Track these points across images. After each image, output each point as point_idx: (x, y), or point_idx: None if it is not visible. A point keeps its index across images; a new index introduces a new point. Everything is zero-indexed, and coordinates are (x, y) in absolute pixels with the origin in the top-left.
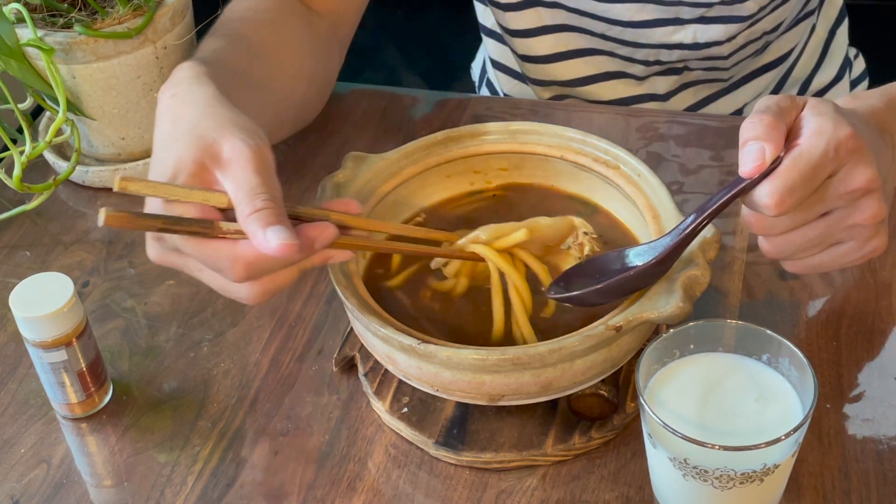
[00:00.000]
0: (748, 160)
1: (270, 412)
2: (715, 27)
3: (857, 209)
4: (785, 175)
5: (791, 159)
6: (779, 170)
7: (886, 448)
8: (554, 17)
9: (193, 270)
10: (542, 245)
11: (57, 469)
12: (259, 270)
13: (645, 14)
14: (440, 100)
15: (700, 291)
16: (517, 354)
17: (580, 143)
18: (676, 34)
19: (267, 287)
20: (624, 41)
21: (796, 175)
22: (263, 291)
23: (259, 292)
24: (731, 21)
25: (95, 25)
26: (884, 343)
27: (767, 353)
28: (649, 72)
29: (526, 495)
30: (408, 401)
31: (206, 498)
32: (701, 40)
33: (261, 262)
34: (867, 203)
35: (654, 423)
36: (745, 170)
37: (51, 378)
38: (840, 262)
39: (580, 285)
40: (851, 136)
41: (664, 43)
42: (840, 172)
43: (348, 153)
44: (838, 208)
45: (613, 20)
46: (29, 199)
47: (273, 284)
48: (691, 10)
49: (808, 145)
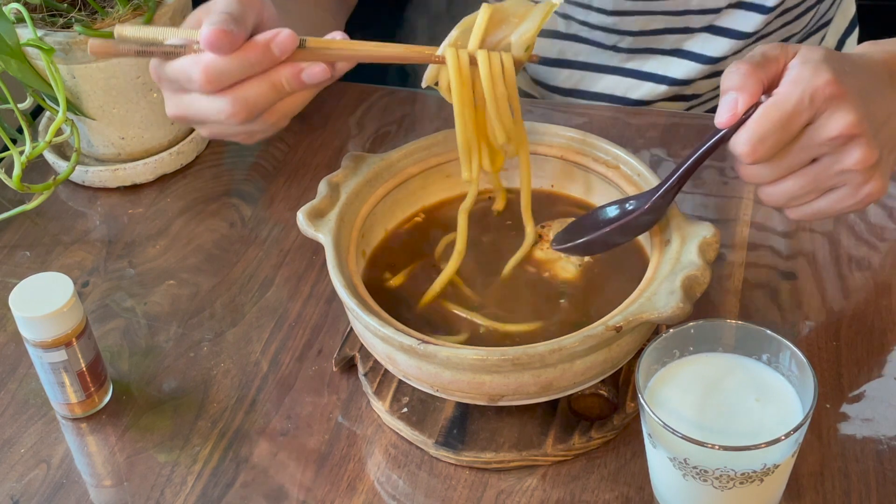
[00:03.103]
0: (723, 111)
1: (270, 412)
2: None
3: (844, 155)
4: (756, 124)
5: (764, 107)
6: (751, 119)
7: (886, 448)
8: (567, 25)
9: (190, 110)
10: (503, 26)
11: (57, 469)
12: (219, 73)
13: (655, 24)
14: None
15: (700, 291)
16: (517, 354)
17: (580, 143)
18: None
19: (238, 97)
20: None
21: (767, 124)
22: (237, 104)
23: (233, 106)
24: (734, 37)
25: (95, 25)
26: (884, 343)
27: (767, 353)
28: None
29: (526, 495)
30: (408, 401)
31: (206, 498)
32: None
33: (218, 65)
34: (852, 148)
35: (654, 423)
36: (719, 119)
37: (51, 378)
38: (838, 208)
39: (580, 237)
40: (830, 82)
41: None
42: (819, 119)
43: (348, 153)
44: (825, 155)
45: (623, 31)
46: (29, 199)
47: (244, 95)
48: (701, 18)
49: (782, 93)
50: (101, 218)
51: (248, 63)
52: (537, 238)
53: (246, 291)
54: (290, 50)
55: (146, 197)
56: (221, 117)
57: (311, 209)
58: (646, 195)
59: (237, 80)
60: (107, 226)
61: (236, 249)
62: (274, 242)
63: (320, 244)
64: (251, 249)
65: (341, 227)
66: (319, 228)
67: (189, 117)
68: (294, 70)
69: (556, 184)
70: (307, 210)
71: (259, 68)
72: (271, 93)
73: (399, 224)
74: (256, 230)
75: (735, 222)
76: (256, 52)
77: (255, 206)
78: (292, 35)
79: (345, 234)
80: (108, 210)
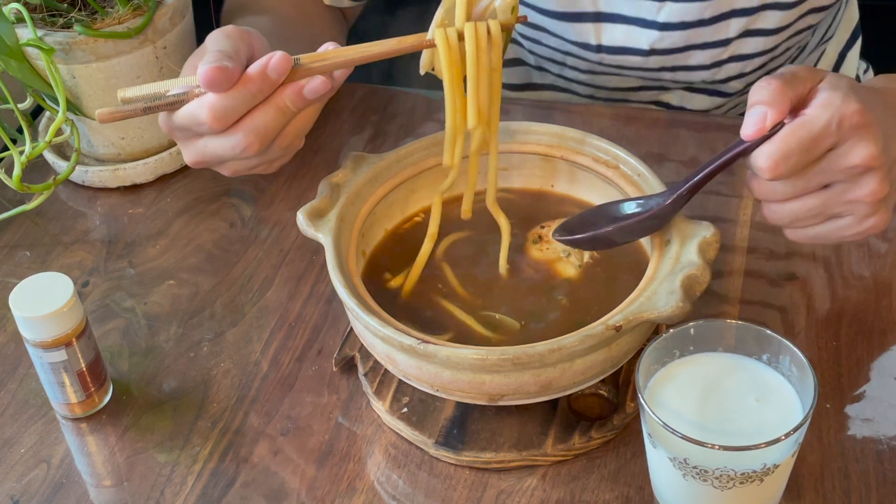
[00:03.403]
0: (750, 123)
1: (270, 412)
2: (700, 96)
3: (858, 185)
4: (783, 140)
5: (792, 126)
6: (778, 134)
7: (886, 448)
8: (542, 77)
9: (206, 153)
10: None
11: (57, 469)
12: (225, 110)
13: (630, 82)
14: (440, 100)
15: (700, 291)
16: (517, 354)
17: (580, 143)
18: (662, 97)
19: (249, 129)
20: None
21: (794, 142)
22: (249, 135)
23: (245, 138)
24: (716, 94)
25: (95, 25)
26: (884, 343)
27: (767, 353)
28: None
29: (526, 495)
30: (408, 401)
31: (206, 498)
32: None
33: (222, 102)
34: (868, 180)
35: (654, 423)
36: (746, 132)
37: (51, 378)
38: (838, 236)
39: (584, 230)
40: (859, 111)
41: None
42: (842, 146)
43: (348, 153)
44: (839, 182)
45: (598, 86)
46: (29, 199)
47: (254, 125)
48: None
49: (812, 115)
50: (101, 218)
51: (249, 94)
52: (536, 237)
53: (246, 291)
54: (286, 71)
55: (146, 197)
56: (237, 152)
57: (311, 209)
58: (657, 198)
59: (243, 112)
60: (107, 226)
61: (236, 249)
62: (274, 242)
63: (320, 244)
64: (251, 249)
65: (341, 227)
66: (319, 228)
67: (207, 161)
68: (295, 89)
69: (556, 184)
70: (307, 210)
71: (261, 96)
72: (279, 117)
73: (399, 224)
74: (256, 230)
75: (735, 222)
76: (255, 81)
77: (255, 206)
78: (285, 56)
79: (345, 234)
80: (108, 210)
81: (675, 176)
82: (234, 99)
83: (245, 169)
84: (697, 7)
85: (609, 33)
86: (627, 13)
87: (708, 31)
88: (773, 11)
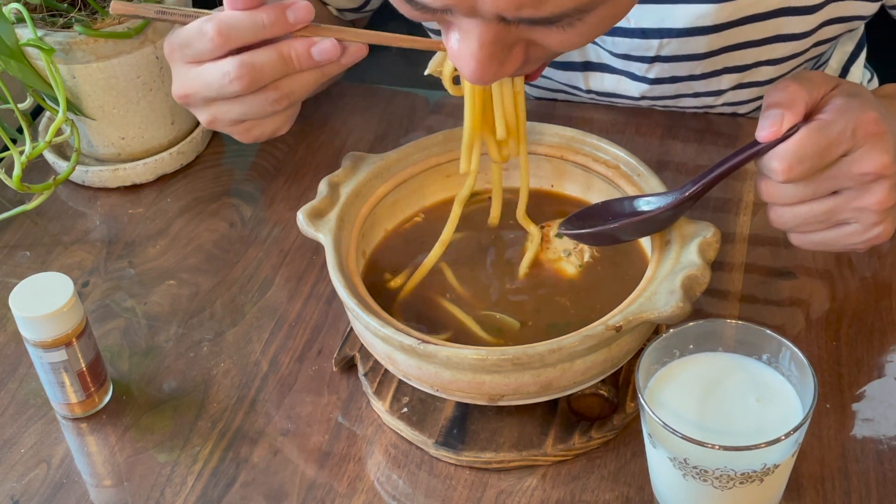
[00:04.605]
0: (766, 124)
1: (270, 412)
2: None
3: (867, 193)
4: (799, 143)
5: (808, 129)
6: (793, 137)
7: (886, 448)
8: None
9: (197, 80)
10: None
11: (57, 469)
12: (230, 28)
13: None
14: (440, 100)
15: (700, 291)
16: (517, 354)
17: (580, 143)
18: None
19: (244, 61)
20: None
21: (809, 146)
22: (243, 66)
23: (238, 69)
24: None
25: (95, 25)
26: (884, 343)
27: (767, 353)
28: None
29: (526, 495)
30: (408, 401)
31: (206, 498)
32: None
33: (231, 19)
34: (877, 188)
35: (654, 423)
36: (761, 134)
37: (51, 378)
38: (842, 243)
39: (591, 225)
40: (875, 119)
41: None
42: (855, 153)
43: (348, 153)
44: (848, 188)
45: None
46: (29, 199)
47: (251, 59)
48: None
49: (829, 119)
50: (101, 218)
51: (260, 23)
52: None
53: (246, 291)
54: (305, 20)
55: (146, 197)
56: (225, 81)
57: (311, 209)
58: (668, 196)
59: (248, 40)
60: (107, 226)
61: (236, 249)
62: (274, 242)
63: (320, 244)
64: (251, 249)
65: (341, 227)
66: (319, 228)
67: (193, 92)
68: (305, 44)
69: (556, 184)
70: (307, 210)
71: (270, 32)
72: (279, 63)
73: (399, 224)
74: (256, 230)
75: (735, 222)
76: (270, 13)
77: (255, 206)
78: (309, 7)
79: (345, 234)
80: (108, 210)
81: (675, 176)
82: (243, 21)
83: (224, 117)
84: (688, 65)
85: (598, 81)
86: (617, 66)
87: (700, 84)
88: (767, 67)
